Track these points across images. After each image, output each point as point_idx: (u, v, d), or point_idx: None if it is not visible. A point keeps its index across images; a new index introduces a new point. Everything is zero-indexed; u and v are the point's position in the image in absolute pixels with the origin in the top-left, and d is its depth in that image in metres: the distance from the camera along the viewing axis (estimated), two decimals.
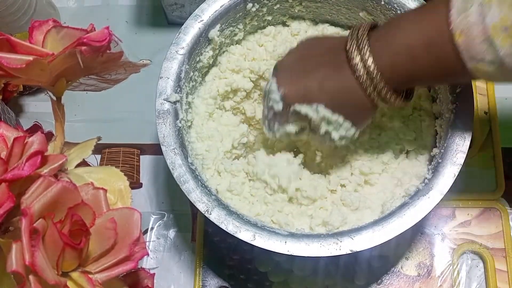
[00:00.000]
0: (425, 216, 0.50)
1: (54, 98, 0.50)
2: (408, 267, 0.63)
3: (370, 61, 0.48)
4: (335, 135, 0.52)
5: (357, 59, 0.48)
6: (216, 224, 0.50)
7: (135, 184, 0.68)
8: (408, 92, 0.51)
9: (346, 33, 0.63)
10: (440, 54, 0.45)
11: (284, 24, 0.64)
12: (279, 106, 0.52)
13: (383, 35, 0.49)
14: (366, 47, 0.48)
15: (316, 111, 0.50)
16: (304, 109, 0.51)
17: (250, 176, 0.57)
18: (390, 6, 0.57)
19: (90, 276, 0.41)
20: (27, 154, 0.41)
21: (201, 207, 0.50)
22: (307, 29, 0.64)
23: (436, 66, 0.46)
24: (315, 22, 0.64)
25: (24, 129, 0.62)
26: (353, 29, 0.50)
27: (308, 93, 0.51)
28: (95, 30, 0.47)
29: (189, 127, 0.58)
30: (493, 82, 0.44)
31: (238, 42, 0.63)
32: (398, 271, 0.63)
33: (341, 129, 0.51)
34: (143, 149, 0.70)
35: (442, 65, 0.46)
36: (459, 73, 0.45)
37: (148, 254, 0.63)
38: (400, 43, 0.47)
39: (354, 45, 0.49)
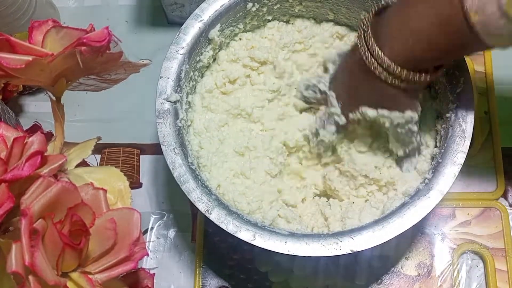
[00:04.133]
0: (425, 216, 0.50)
1: (54, 98, 0.50)
2: (408, 267, 0.63)
3: (382, 58, 0.49)
4: (390, 124, 0.54)
5: (370, 60, 0.50)
6: (216, 224, 0.50)
7: (135, 184, 0.68)
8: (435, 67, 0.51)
9: (345, 32, 0.64)
10: (456, 33, 0.45)
11: (287, 22, 0.64)
12: (342, 120, 0.56)
13: (392, 24, 0.50)
14: (374, 45, 0.49)
15: (363, 114, 0.54)
16: (355, 115, 0.55)
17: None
18: None
19: (90, 276, 0.41)
20: (27, 154, 0.41)
21: (201, 207, 0.50)
22: (311, 27, 0.64)
23: (452, 45, 0.47)
24: (316, 21, 0.64)
25: (24, 129, 0.62)
26: (360, 29, 0.51)
27: (353, 101, 0.55)
28: (95, 30, 0.47)
29: (189, 126, 0.58)
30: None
31: (239, 38, 0.63)
32: (398, 271, 0.63)
33: (395, 119, 0.53)
34: (143, 149, 0.70)
35: (459, 43, 0.46)
36: (476, 48, 0.46)
37: (148, 254, 0.63)
38: (412, 29, 0.48)
39: (365, 47, 0.50)
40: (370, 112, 0.54)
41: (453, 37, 0.46)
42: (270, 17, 0.62)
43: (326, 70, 0.61)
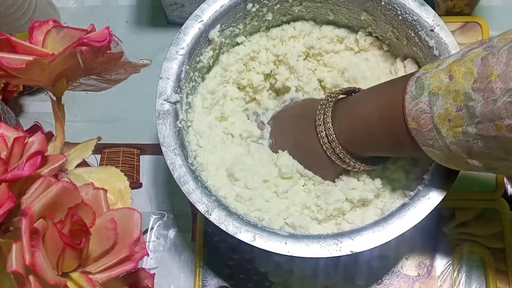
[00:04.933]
0: (425, 217, 0.50)
1: (54, 98, 0.50)
2: (408, 267, 0.63)
3: (331, 130, 0.53)
4: (309, 182, 0.58)
5: (321, 126, 0.53)
6: (217, 225, 0.50)
7: (135, 184, 0.68)
8: (379, 157, 0.55)
9: (345, 34, 0.63)
10: (395, 132, 0.47)
11: (288, 23, 0.64)
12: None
13: (345, 106, 0.53)
14: (329, 116, 0.53)
15: (292, 164, 0.57)
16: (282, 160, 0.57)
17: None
18: (390, 7, 0.57)
19: (90, 276, 0.41)
20: (27, 154, 0.41)
21: (201, 207, 0.50)
22: (311, 29, 0.64)
23: (390, 141, 0.49)
24: (316, 22, 0.64)
25: (24, 129, 0.62)
26: (327, 95, 0.55)
27: (287, 147, 0.58)
28: (95, 30, 0.47)
29: (189, 127, 0.58)
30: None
31: (241, 42, 0.63)
32: (398, 271, 0.63)
33: (314, 181, 0.57)
34: (143, 149, 0.70)
35: (396, 141, 0.49)
36: (416, 152, 0.47)
37: (148, 254, 0.63)
38: (356, 115, 0.51)
39: (322, 111, 0.54)
40: (299, 168, 0.57)
41: (392, 135, 0.48)
42: (270, 18, 0.62)
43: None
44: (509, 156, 0.41)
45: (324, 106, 0.54)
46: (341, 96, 0.55)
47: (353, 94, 0.56)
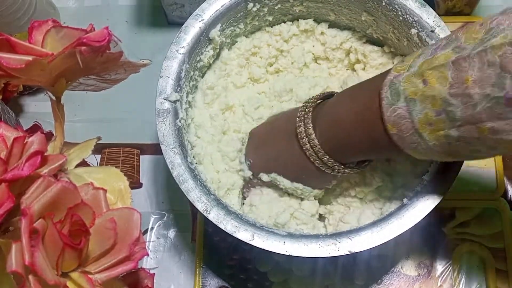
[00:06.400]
0: (424, 217, 0.50)
1: (54, 98, 0.50)
2: (408, 267, 0.63)
3: (313, 138, 0.51)
4: (304, 196, 0.57)
5: (303, 136, 0.52)
6: (215, 224, 0.50)
7: (135, 184, 0.68)
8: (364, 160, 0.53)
9: (345, 34, 0.64)
10: (376, 137, 0.46)
11: (292, 21, 0.64)
12: (247, 174, 0.57)
13: (324, 111, 0.51)
14: (309, 124, 0.51)
15: (276, 180, 0.56)
16: (266, 178, 0.56)
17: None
18: (391, 7, 0.57)
19: (90, 276, 0.41)
20: (27, 154, 0.41)
21: (200, 206, 0.50)
22: (313, 28, 0.64)
23: (370, 145, 0.48)
24: (316, 22, 0.64)
25: (24, 129, 0.62)
26: (303, 104, 0.54)
27: (268, 164, 0.56)
28: (94, 30, 0.47)
29: (189, 125, 0.58)
30: None
31: (245, 35, 0.63)
32: (398, 271, 0.63)
33: (305, 193, 0.56)
34: (143, 149, 0.70)
35: (377, 146, 0.47)
36: (397, 153, 0.46)
37: (148, 254, 0.63)
38: (334, 120, 0.50)
39: (302, 122, 0.52)
40: (286, 182, 0.56)
41: (373, 139, 0.47)
42: (271, 18, 0.62)
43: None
44: (493, 150, 0.41)
45: (303, 117, 0.52)
46: (318, 101, 0.54)
47: (329, 99, 0.54)
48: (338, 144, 0.50)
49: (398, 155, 0.49)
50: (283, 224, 0.54)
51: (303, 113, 0.52)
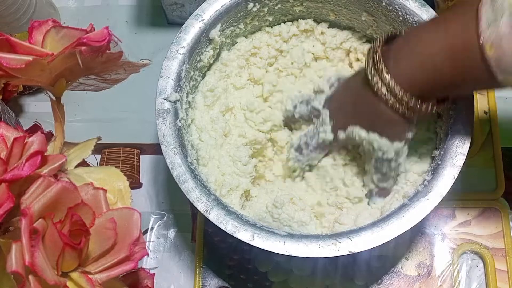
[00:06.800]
0: (424, 217, 0.50)
1: (54, 98, 0.50)
2: (408, 267, 0.63)
3: (388, 78, 0.48)
4: (380, 154, 0.53)
5: (375, 79, 0.49)
6: (215, 224, 0.50)
7: (135, 184, 0.68)
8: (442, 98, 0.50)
9: (345, 33, 0.64)
10: (468, 66, 0.44)
11: (291, 22, 0.64)
12: (329, 136, 0.56)
13: (401, 48, 0.49)
14: (382, 65, 0.48)
15: (352, 133, 0.53)
16: (342, 135, 0.55)
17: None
18: (391, 7, 0.57)
19: (90, 276, 0.41)
20: (27, 154, 0.41)
21: (200, 206, 0.50)
22: (313, 28, 0.64)
23: (461, 77, 0.45)
24: (316, 22, 0.64)
25: (24, 129, 0.62)
26: (369, 48, 0.51)
27: (346, 120, 0.54)
28: (94, 30, 0.47)
29: (189, 125, 0.58)
30: None
31: (245, 35, 0.63)
32: (398, 271, 0.63)
33: (384, 148, 0.53)
34: (143, 149, 0.70)
35: (469, 76, 0.45)
36: (487, 83, 0.44)
37: (148, 254, 0.63)
38: (421, 55, 0.47)
39: (371, 66, 0.49)
40: (362, 133, 0.53)
41: (465, 69, 0.44)
42: (271, 18, 0.62)
43: (317, 92, 0.60)
44: None
45: (372, 60, 0.49)
46: (385, 40, 0.51)
47: (394, 39, 0.51)
48: (424, 80, 0.47)
49: (489, 86, 0.47)
50: (281, 205, 0.55)
51: (371, 55, 0.50)
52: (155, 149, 0.69)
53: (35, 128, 0.67)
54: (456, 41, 0.44)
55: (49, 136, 0.49)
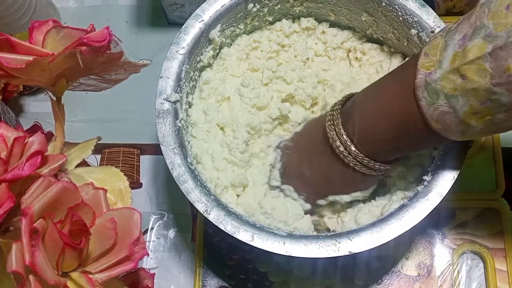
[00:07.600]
0: (424, 218, 0.50)
1: (54, 98, 0.50)
2: (408, 267, 0.63)
3: (348, 144, 0.50)
4: (346, 202, 0.57)
5: (336, 141, 0.51)
6: (215, 225, 0.50)
7: (135, 184, 0.68)
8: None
9: (345, 33, 0.64)
10: (419, 136, 0.47)
11: (293, 20, 0.64)
12: (305, 207, 0.58)
13: (356, 116, 0.51)
14: (341, 130, 0.51)
15: (335, 201, 0.57)
16: (324, 202, 0.57)
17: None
18: (391, 8, 0.57)
19: (90, 276, 0.41)
20: (27, 154, 0.41)
21: (200, 207, 0.50)
22: (314, 26, 0.64)
23: (414, 142, 0.48)
24: (318, 21, 0.64)
25: (24, 129, 0.62)
26: (330, 109, 0.53)
27: (320, 190, 0.57)
28: (95, 30, 0.47)
29: (188, 126, 0.58)
30: None
31: (245, 33, 0.63)
32: (398, 271, 0.63)
33: (358, 197, 0.56)
34: (143, 149, 0.70)
35: (421, 141, 0.48)
36: (439, 142, 0.48)
37: (148, 254, 0.63)
38: (375, 125, 0.49)
39: (332, 127, 0.52)
40: (345, 198, 0.56)
41: (415, 137, 0.47)
42: (271, 18, 0.62)
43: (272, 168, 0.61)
44: None
45: (332, 121, 0.52)
46: (342, 104, 0.53)
47: (354, 100, 0.53)
48: (376, 145, 0.50)
49: (441, 143, 0.50)
50: (272, 208, 0.55)
51: (331, 117, 0.52)
52: (155, 149, 0.69)
53: (35, 128, 0.67)
54: (401, 111, 0.46)
55: (49, 136, 0.49)
